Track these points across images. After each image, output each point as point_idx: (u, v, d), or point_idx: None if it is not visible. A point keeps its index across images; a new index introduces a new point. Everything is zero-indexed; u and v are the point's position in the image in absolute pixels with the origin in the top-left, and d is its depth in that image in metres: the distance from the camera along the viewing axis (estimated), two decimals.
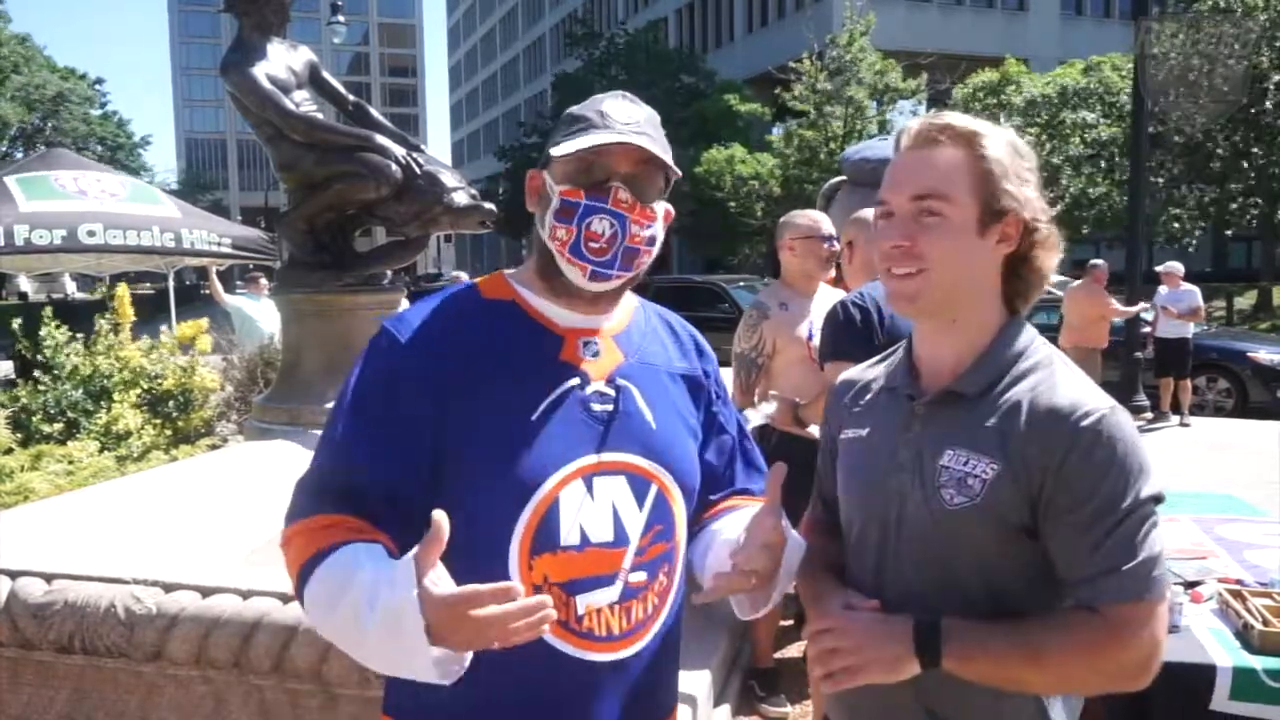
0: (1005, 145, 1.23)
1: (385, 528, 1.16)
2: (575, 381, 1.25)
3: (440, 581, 1.02)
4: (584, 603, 1.22)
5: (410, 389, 1.20)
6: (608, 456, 1.25)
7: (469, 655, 1.07)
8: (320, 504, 1.18)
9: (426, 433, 1.20)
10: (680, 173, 1.30)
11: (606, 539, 1.23)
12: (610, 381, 1.28)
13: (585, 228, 1.22)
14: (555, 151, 1.24)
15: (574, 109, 1.29)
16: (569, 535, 1.21)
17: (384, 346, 1.25)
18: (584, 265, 1.24)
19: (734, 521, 1.36)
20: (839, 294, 3.44)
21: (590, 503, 1.22)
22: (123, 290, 7.08)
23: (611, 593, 1.23)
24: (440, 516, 1.01)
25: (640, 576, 1.26)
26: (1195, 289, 9.77)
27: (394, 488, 1.17)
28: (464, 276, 9.96)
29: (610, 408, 1.26)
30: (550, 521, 1.21)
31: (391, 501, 1.18)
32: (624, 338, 1.33)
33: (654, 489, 1.28)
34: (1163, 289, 9.83)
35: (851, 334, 2.61)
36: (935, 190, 1.21)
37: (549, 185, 1.27)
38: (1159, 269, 10.03)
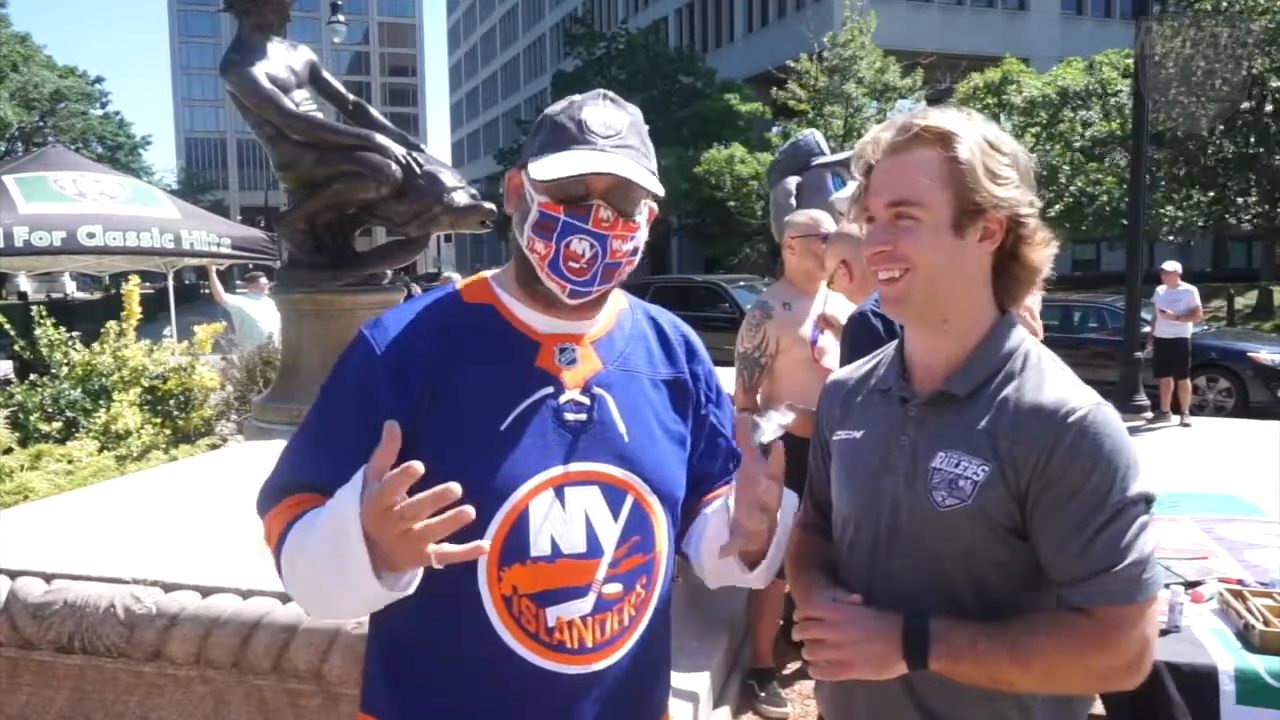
0: (978, 143, 1.21)
1: None
2: (549, 390, 1.23)
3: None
4: (555, 614, 1.20)
5: (382, 396, 1.19)
6: (579, 466, 1.22)
7: (413, 574, 1.08)
8: (291, 491, 1.20)
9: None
10: (663, 192, 1.23)
11: (579, 550, 1.21)
12: (586, 390, 1.25)
13: (565, 246, 1.19)
14: (534, 171, 1.19)
15: (553, 112, 1.23)
16: (539, 546, 1.19)
17: (360, 353, 1.24)
18: (563, 283, 1.21)
19: (722, 503, 1.33)
20: (840, 296, 3.44)
21: (561, 513, 1.20)
22: (132, 287, 7.04)
23: (584, 604, 1.21)
24: (393, 424, 1.02)
25: (615, 588, 1.23)
26: (1193, 289, 9.76)
27: None
28: (456, 277, 9.89)
29: (584, 417, 1.24)
30: (519, 532, 1.19)
31: None
32: (605, 344, 1.30)
33: (630, 499, 1.25)
34: (1160, 289, 9.83)
35: (874, 343, 2.61)
36: (907, 198, 1.21)
37: (528, 191, 1.22)
38: (1160, 268, 10.04)
